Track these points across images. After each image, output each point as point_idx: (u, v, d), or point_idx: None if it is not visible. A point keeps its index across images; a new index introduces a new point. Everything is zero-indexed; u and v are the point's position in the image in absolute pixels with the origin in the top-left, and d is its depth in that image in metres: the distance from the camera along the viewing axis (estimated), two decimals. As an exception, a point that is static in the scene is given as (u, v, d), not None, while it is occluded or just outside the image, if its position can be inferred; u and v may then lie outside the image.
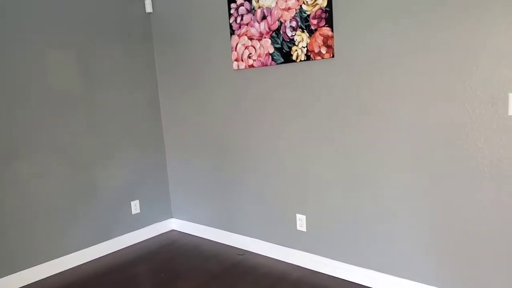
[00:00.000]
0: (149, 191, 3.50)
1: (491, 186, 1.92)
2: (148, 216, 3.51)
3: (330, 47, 2.33)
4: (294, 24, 2.46)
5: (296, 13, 2.44)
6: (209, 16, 2.97)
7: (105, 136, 3.16)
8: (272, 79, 2.68)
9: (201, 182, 3.35)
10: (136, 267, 2.92)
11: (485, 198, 1.94)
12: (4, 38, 2.58)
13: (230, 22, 2.82)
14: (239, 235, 3.13)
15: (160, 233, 3.60)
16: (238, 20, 2.76)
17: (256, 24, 2.66)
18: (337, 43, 2.32)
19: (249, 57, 2.75)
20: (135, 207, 3.40)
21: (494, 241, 1.94)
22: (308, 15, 2.39)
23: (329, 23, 2.31)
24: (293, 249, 2.79)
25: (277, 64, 2.61)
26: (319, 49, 2.38)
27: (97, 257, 3.14)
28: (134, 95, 3.35)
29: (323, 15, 2.32)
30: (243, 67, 2.80)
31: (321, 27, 2.34)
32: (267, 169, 2.84)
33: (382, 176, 2.27)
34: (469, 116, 1.93)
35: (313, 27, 2.38)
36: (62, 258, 2.93)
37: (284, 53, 2.54)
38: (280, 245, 2.86)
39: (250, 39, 2.72)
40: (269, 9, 2.57)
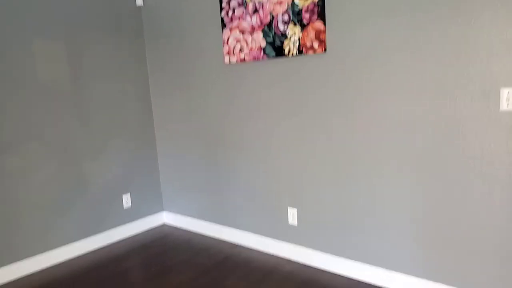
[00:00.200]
0: (141, 185, 3.49)
1: (481, 182, 1.94)
2: (140, 210, 3.50)
3: (322, 42, 2.33)
4: (286, 18, 2.45)
5: (288, 7, 2.42)
6: (201, 9, 2.94)
7: (95, 130, 3.13)
8: (264, 74, 2.67)
9: (193, 176, 3.34)
10: (128, 261, 2.92)
11: (475, 193, 1.97)
12: (-9, 30, 2.53)
13: (222, 16, 2.79)
14: (231, 228, 3.14)
15: (152, 227, 3.59)
16: (230, 14, 2.74)
17: (248, 18, 2.64)
18: (330, 38, 2.31)
19: (241, 51, 2.73)
20: (127, 201, 3.38)
21: (483, 236, 1.98)
22: (301, 9, 2.37)
23: (322, 17, 2.30)
24: (285, 242, 2.80)
25: (269, 58, 2.60)
26: (312, 43, 2.37)
27: (88, 251, 3.13)
28: (125, 89, 3.31)
29: (316, 9, 2.31)
30: (235, 61, 2.78)
31: (314, 21, 2.34)
32: (259, 163, 2.84)
33: (373, 171, 2.29)
34: (461, 112, 1.95)
35: (306, 21, 2.37)
36: (52, 252, 2.91)
37: (276, 47, 2.53)
38: (272, 238, 2.88)
39: (242, 33, 2.70)
40: (261, 3, 2.55)
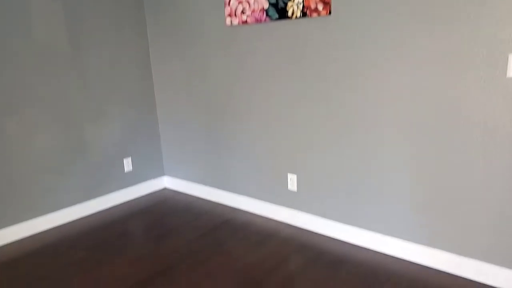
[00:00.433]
0: (142, 149, 3.50)
1: (483, 149, 1.94)
2: (141, 174, 3.53)
3: (327, 4, 2.26)
4: (291, -22, 2.36)
5: (293, -34, 2.33)
6: (202, -32, 2.84)
7: (96, 94, 3.10)
8: (266, 36, 2.61)
9: (193, 141, 3.34)
10: (129, 223, 2.97)
11: (476, 160, 1.97)
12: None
13: (224, -25, 2.69)
14: (231, 194, 3.18)
15: (153, 191, 3.64)
16: (232, -27, 2.64)
17: (251, -23, 2.55)
18: (335, 0, 2.24)
19: (243, 13, 2.66)
20: (128, 165, 3.41)
21: (482, 203, 2.00)
22: (305, -31, 2.29)
23: (327, -22, 2.22)
24: (284, 207, 2.84)
25: (272, 21, 2.54)
26: (316, 6, 2.30)
27: (90, 213, 3.18)
28: (125, 52, 3.25)
29: (321, -31, 2.23)
30: (236, 23, 2.71)
31: (318, -18, 2.25)
32: (259, 128, 2.84)
33: (374, 137, 2.29)
34: (466, 78, 1.92)
35: (310, -18, 2.29)
36: (54, 214, 2.96)
37: (279, 9, 2.46)
38: (271, 204, 2.92)
39: (244, -6, 2.61)
40: (265, -39, 2.46)
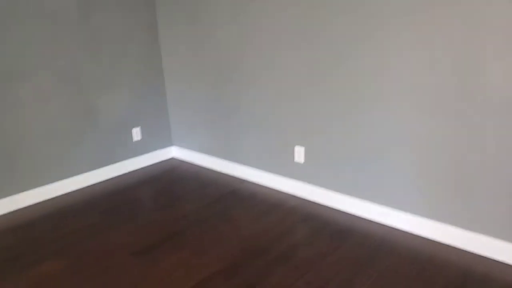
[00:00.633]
0: (150, 119, 3.52)
1: (498, 121, 1.92)
2: (149, 143, 3.57)
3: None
4: None
5: None
6: None
7: (104, 61, 3.10)
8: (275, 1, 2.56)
9: (201, 111, 3.35)
10: (137, 191, 3.03)
11: (490, 133, 1.95)
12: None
13: None
14: (238, 164, 3.21)
15: (161, 160, 3.68)
16: None
17: None
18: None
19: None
20: (137, 134, 3.44)
21: (494, 178, 1.99)
22: None
23: None
24: (291, 179, 2.87)
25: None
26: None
27: (99, 181, 3.24)
28: (132, 19, 3.22)
29: None
30: (248, -8, 2.66)
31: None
32: (268, 100, 2.83)
33: (383, 108, 2.27)
34: (484, 44, 1.87)
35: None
36: (64, 181, 3.02)
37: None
38: (278, 175, 2.95)
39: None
40: None
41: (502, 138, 1.90)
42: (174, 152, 3.76)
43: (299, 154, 2.75)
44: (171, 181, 3.19)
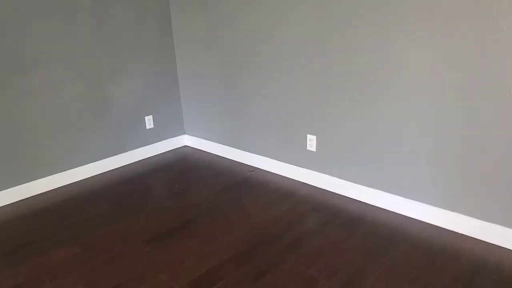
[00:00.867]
0: (162, 107, 3.53)
1: (511, 113, 1.87)
2: (162, 132, 3.58)
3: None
4: None
5: None
6: None
7: (117, 49, 3.11)
8: (289, -9, 2.52)
9: (213, 100, 3.34)
10: (150, 178, 3.06)
11: (505, 126, 1.90)
12: None
13: None
14: (250, 153, 3.20)
15: (173, 148, 3.70)
16: None
17: None
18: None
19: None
20: (149, 122, 3.45)
21: (507, 169, 1.95)
22: None
23: None
24: (303, 168, 2.85)
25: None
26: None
27: (112, 169, 3.27)
28: (145, 8, 3.21)
29: None
30: (259, -23, 2.62)
31: None
32: (280, 89, 2.80)
33: (397, 98, 2.23)
34: (502, 34, 1.81)
35: None
36: (76, 170, 3.05)
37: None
38: (290, 164, 2.93)
39: None
40: None
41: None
42: (187, 141, 3.77)
43: (311, 143, 2.73)
44: (183, 169, 3.21)
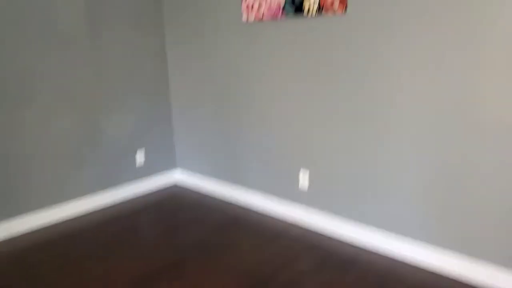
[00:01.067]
0: (155, 141, 3.53)
1: (496, 147, 1.89)
2: (153, 166, 3.56)
3: (343, 2, 2.22)
4: (308, -25, 2.33)
5: (311, -37, 2.30)
6: (219, -38, 2.82)
7: (111, 82, 3.13)
8: (282, 32, 2.59)
9: (206, 133, 3.36)
10: (139, 217, 3.01)
11: (489, 160, 1.93)
12: (6, -22, 2.49)
13: (241, -30, 2.68)
14: (243, 188, 3.18)
15: (164, 183, 3.67)
16: (249, -32, 2.62)
17: (268, -27, 2.53)
18: (352, -2, 2.21)
19: (259, 9, 2.64)
20: (140, 156, 3.44)
21: (494, 204, 1.96)
22: (323, -35, 2.25)
23: (345, -25, 2.19)
24: (295, 204, 2.84)
25: (288, 17, 2.51)
26: (332, 4, 2.27)
27: (101, 205, 3.21)
28: (141, 41, 3.27)
29: (339, -34, 2.19)
30: (253, 19, 2.70)
31: (336, -21, 2.22)
32: (272, 123, 2.83)
33: (387, 135, 2.26)
34: (484, 71, 1.87)
35: (328, -21, 2.25)
36: (65, 204, 2.99)
37: (296, 6, 2.44)
38: (283, 200, 2.92)
39: (261, -11, 2.59)
40: (282, -43, 2.43)
41: (504, 165, 1.87)
42: (178, 175, 3.75)
43: (304, 178, 2.73)
44: (174, 207, 3.17)
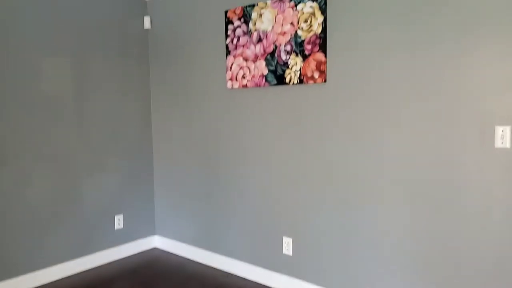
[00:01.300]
0: (134, 206, 3.45)
1: (478, 217, 1.93)
2: (131, 232, 3.44)
3: (323, 72, 2.38)
4: (289, 48, 2.51)
5: (291, 38, 2.50)
6: (207, 36, 3.02)
7: (94, 146, 3.14)
8: (265, 100, 2.71)
9: (187, 199, 3.31)
10: (116, 285, 2.84)
11: (473, 229, 1.95)
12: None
13: (227, 43, 2.87)
14: (223, 256, 3.08)
15: (142, 250, 3.52)
16: (235, 41, 2.81)
17: (252, 46, 2.71)
18: (330, 69, 2.37)
19: (243, 77, 2.78)
20: (119, 222, 3.34)
21: (482, 274, 1.95)
22: (303, 41, 2.44)
23: (323, 49, 2.37)
24: (279, 273, 2.74)
25: (271, 86, 2.65)
26: (312, 74, 2.42)
27: (77, 272, 3.04)
28: (126, 107, 3.35)
29: (317, 41, 2.38)
30: (237, 87, 2.83)
31: (315, 53, 2.40)
32: (255, 189, 2.83)
33: (371, 202, 2.28)
34: (457, 146, 1.97)
35: (307, 52, 2.43)
36: (39, 272, 2.83)
37: (278, 76, 2.59)
38: (265, 269, 2.82)
39: (245, 60, 2.76)
40: (265, 33, 2.63)
41: (484, 233, 1.90)
42: (157, 242, 3.62)
43: (288, 246, 2.67)
44: (152, 275, 3.02)
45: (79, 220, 3.07)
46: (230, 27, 2.83)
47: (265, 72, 2.65)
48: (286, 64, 2.53)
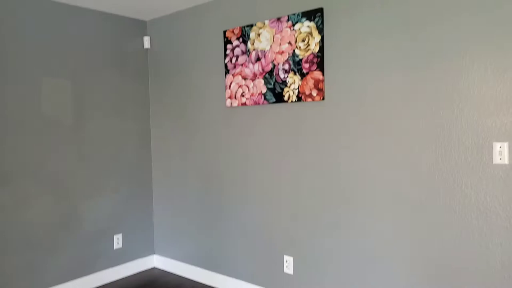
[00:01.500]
0: (133, 226, 3.43)
1: (477, 234, 1.93)
2: (131, 251, 3.41)
3: (321, 90, 2.41)
4: (287, 67, 2.55)
5: (289, 57, 2.53)
6: (206, 55, 3.06)
7: (93, 166, 3.14)
8: (264, 118, 2.73)
9: (186, 218, 3.29)
10: (114, 305, 2.80)
11: (472, 246, 1.95)
12: None
13: (226, 62, 2.90)
14: (223, 275, 3.04)
15: (141, 270, 3.48)
16: (233, 61, 2.85)
17: (251, 65, 2.75)
18: (328, 87, 2.40)
19: (242, 96, 2.81)
20: (118, 242, 3.31)
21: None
22: (301, 59, 2.48)
23: (321, 68, 2.40)
24: (278, 292, 2.71)
25: (269, 104, 2.67)
26: (310, 92, 2.45)
27: (74, 293, 3.01)
28: (125, 127, 3.36)
29: (315, 60, 2.41)
30: (236, 105, 2.86)
31: (313, 71, 2.43)
32: (254, 208, 2.82)
33: (371, 217, 2.27)
34: (455, 163, 1.98)
35: (305, 71, 2.46)
36: (37, 293, 2.80)
37: (276, 94, 2.61)
38: (267, 287, 2.79)
39: (244, 79, 2.79)
40: (264, 52, 2.67)
41: (484, 250, 1.89)
42: (156, 261, 3.58)
43: (288, 264, 2.65)
44: (151, 294, 2.98)
45: (79, 240, 3.04)
46: (229, 47, 2.87)
47: (264, 90, 2.68)
48: (285, 83, 2.56)
